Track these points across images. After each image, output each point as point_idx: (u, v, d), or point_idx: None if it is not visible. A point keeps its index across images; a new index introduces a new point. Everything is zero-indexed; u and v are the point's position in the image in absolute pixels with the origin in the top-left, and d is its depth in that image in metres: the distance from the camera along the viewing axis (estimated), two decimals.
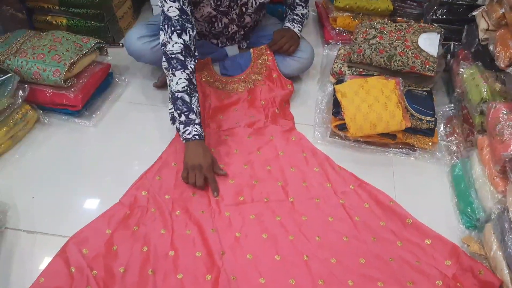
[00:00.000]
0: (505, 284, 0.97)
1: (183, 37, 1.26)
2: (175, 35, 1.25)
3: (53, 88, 1.41)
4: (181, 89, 1.25)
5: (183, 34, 1.26)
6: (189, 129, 1.24)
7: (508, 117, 1.10)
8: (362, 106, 1.31)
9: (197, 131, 1.25)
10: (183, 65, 1.26)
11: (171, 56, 1.26)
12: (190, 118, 1.25)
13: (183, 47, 1.26)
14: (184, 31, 1.26)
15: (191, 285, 1.05)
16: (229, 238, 1.15)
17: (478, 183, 1.17)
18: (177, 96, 1.25)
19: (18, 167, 1.32)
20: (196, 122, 1.25)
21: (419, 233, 1.14)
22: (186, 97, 1.25)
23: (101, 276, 1.06)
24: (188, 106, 1.25)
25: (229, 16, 1.49)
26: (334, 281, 1.06)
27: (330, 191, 1.27)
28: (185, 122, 1.25)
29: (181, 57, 1.26)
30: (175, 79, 1.25)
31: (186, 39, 1.27)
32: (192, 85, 1.27)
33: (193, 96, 1.27)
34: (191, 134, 1.24)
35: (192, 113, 1.25)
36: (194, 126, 1.25)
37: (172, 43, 1.26)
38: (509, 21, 1.18)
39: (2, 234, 1.14)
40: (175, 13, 1.26)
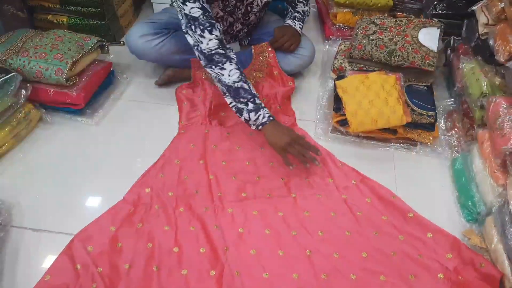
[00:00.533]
0: (506, 276, 0.98)
1: (214, 32, 1.26)
2: (206, 32, 1.25)
3: (55, 87, 1.42)
4: (237, 79, 1.25)
5: (213, 30, 1.26)
6: (261, 113, 1.24)
7: (508, 111, 1.11)
8: (363, 102, 1.32)
9: (268, 113, 1.25)
10: (227, 57, 1.26)
11: (211, 53, 1.26)
12: (257, 103, 1.24)
13: (218, 41, 1.26)
14: (213, 27, 1.26)
15: (195, 280, 1.07)
16: (233, 234, 1.16)
17: (478, 177, 1.18)
18: (236, 86, 1.25)
19: (22, 165, 1.33)
20: (263, 105, 1.25)
21: (421, 227, 1.15)
22: (244, 85, 1.25)
23: (107, 272, 1.07)
24: (251, 93, 1.25)
25: (234, 16, 1.50)
26: (337, 275, 1.07)
27: (332, 186, 1.28)
28: (255, 108, 1.24)
29: (221, 50, 1.26)
30: (226, 72, 1.25)
31: (217, 34, 1.26)
32: (243, 73, 1.28)
33: (249, 83, 1.27)
34: (265, 117, 1.24)
35: (257, 98, 1.25)
36: (263, 109, 1.24)
37: (206, 41, 1.25)
38: (509, 15, 1.19)
39: (8, 233, 1.15)
40: (199, 12, 1.25)
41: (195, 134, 1.43)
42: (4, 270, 1.08)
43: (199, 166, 1.33)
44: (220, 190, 1.27)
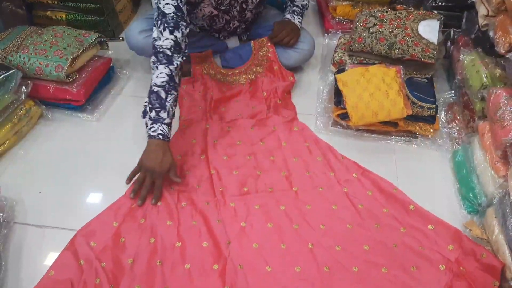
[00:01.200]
0: (507, 266, 0.98)
1: (175, 33, 1.24)
2: (167, 31, 1.24)
3: (55, 83, 1.42)
4: (159, 83, 1.21)
5: (175, 31, 1.24)
6: (155, 127, 1.19)
7: (508, 103, 1.11)
8: (363, 95, 1.32)
9: (163, 131, 1.19)
10: (169, 60, 1.23)
11: (159, 50, 1.23)
12: (160, 116, 1.20)
13: (173, 43, 1.24)
14: (176, 28, 1.25)
15: (198, 274, 1.07)
16: (235, 228, 1.17)
17: (479, 168, 1.18)
18: (153, 89, 1.21)
19: (24, 162, 1.34)
20: (165, 121, 1.20)
21: (422, 219, 1.16)
22: (162, 93, 1.21)
23: (110, 267, 1.08)
24: (162, 103, 1.20)
25: (230, 14, 1.50)
26: (339, 268, 1.08)
27: (333, 180, 1.28)
28: (154, 119, 1.20)
29: (168, 52, 1.23)
30: (156, 72, 1.22)
31: (178, 35, 1.25)
32: (173, 82, 1.23)
33: (170, 94, 1.22)
34: (156, 132, 1.19)
35: (164, 111, 1.20)
36: (162, 125, 1.19)
37: (163, 38, 1.24)
38: (509, 6, 1.19)
39: (11, 229, 1.16)
40: (170, 10, 1.25)
41: (196, 129, 1.43)
42: (8, 266, 1.08)
43: (200, 161, 1.34)
44: (221, 185, 1.27)
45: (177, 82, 1.25)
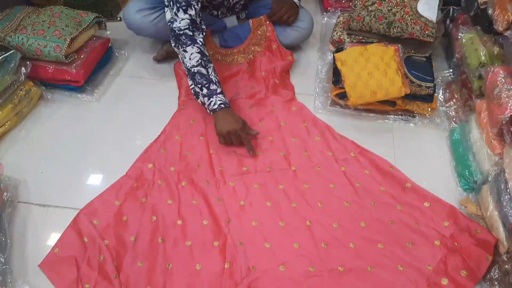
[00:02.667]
0: (501, 241, 1.01)
1: (188, 12, 1.26)
2: (181, 11, 1.26)
3: (54, 64, 1.42)
4: (195, 63, 1.26)
5: (189, 9, 1.26)
6: (213, 100, 1.26)
7: (505, 81, 1.11)
8: (362, 74, 1.32)
9: (221, 100, 1.26)
10: (192, 39, 1.26)
11: (179, 33, 1.26)
12: (211, 89, 1.26)
13: (189, 22, 1.26)
14: (189, 6, 1.26)
15: (199, 251, 1.10)
16: (234, 207, 1.19)
17: (475, 146, 1.20)
18: (194, 71, 1.26)
19: (26, 143, 1.35)
20: (218, 91, 1.27)
21: (418, 197, 1.18)
22: (202, 70, 1.26)
23: (113, 245, 1.10)
24: (207, 78, 1.26)
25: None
26: (337, 244, 1.11)
27: (331, 159, 1.30)
28: (208, 94, 1.26)
29: (189, 32, 1.26)
30: (187, 55, 1.26)
31: (192, 13, 1.27)
32: (205, 56, 1.28)
33: (209, 67, 1.27)
34: (217, 104, 1.26)
35: (212, 83, 1.26)
36: (217, 96, 1.26)
37: (178, 20, 1.26)
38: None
39: (15, 208, 1.18)
40: None
41: (195, 110, 1.44)
42: (14, 244, 1.11)
43: (200, 142, 1.35)
44: (221, 165, 1.29)
45: (207, 55, 1.29)
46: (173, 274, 1.06)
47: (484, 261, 1.02)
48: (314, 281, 1.04)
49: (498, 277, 1.01)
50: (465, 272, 1.03)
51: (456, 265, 1.04)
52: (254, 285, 1.03)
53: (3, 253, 1.06)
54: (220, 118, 1.27)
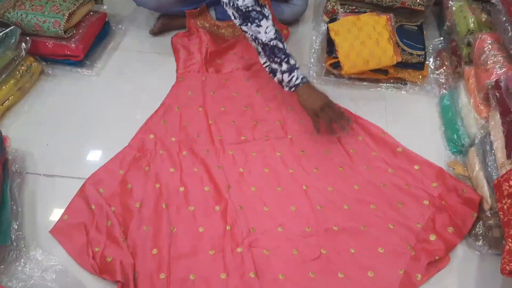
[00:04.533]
0: (485, 199, 1.07)
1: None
2: None
3: (54, 39, 1.44)
4: (273, 36, 1.21)
5: None
6: (295, 75, 1.22)
7: (492, 47, 1.16)
8: (355, 44, 1.36)
9: (302, 74, 1.24)
10: (263, 14, 1.22)
11: (248, 10, 1.21)
12: (291, 64, 1.22)
13: None
14: None
15: (202, 215, 1.16)
16: (234, 174, 1.24)
17: (464, 111, 1.25)
18: (272, 44, 1.21)
19: (29, 117, 1.39)
20: (297, 66, 1.24)
21: (409, 160, 1.24)
22: (279, 44, 1.22)
23: (119, 211, 1.16)
24: (285, 52, 1.22)
25: None
26: (331, 206, 1.17)
27: None
28: (288, 69, 1.22)
29: (257, 8, 1.21)
30: (262, 29, 1.21)
31: None
32: (278, 31, 1.24)
33: (284, 41, 1.24)
34: (299, 79, 1.22)
35: (291, 58, 1.23)
36: (297, 70, 1.23)
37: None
38: None
39: (24, 179, 1.23)
40: None
41: (193, 82, 1.48)
42: (25, 213, 1.16)
43: (199, 113, 1.39)
44: (220, 134, 1.33)
45: (278, 30, 1.25)
46: (178, 237, 1.12)
47: (470, 217, 1.09)
48: (310, 239, 1.11)
49: (482, 232, 1.09)
50: (452, 228, 1.09)
51: (444, 222, 1.11)
52: (254, 244, 1.10)
53: (15, 220, 1.12)
54: (306, 93, 1.23)
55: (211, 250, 1.09)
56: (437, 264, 1.06)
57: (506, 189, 0.94)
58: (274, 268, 1.06)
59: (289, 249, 1.10)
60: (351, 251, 1.09)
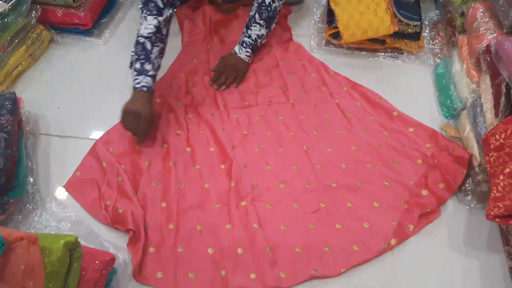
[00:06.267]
0: (474, 156, 1.14)
1: None
2: None
3: (63, 8, 1.49)
4: (146, 34, 1.21)
5: None
6: (139, 79, 1.20)
7: (484, 15, 1.22)
8: (354, 14, 1.42)
9: (147, 83, 1.20)
10: (159, 11, 1.21)
11: (146, 1, 1.21)
12: (144, 68, 1.20)
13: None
14: None
15: (208, 173, 1.23)
16: (238, 135, 1.31)
17: (456, 77, 1.31)
18: (139, 40, 1.21)
19: (41, 82, 1.45)
20: (150, 73, 1.21)
21: (404, 123, 1.30)
22: (147, 44, 1.21)
23: (129, 169, 1.22)
24: (147, 55, 1.21)
25: None
26: (330, 165, 1.24)
27: (326, 93, 1.41)
28: (139, 70, 1.21)
29: (160, 3, 1.21)
30: (145, 23, 1.21)
31: None
32: (160, 34, 1.23)
33: (156, 46, 1.22)
34: (140, 84, 1.20)
35: (149, 63, 1.21)
36: (146, 77, 1.20)
37: None
38: None
39: (37, 139, 1.30)
40: None
41: (198, 51, 1.53)
42: (39, 170, 1.23)
43: (204, 79, 1.45)
44: (224, 99, 1.40)
45: (164, 34, 1.25)
46: (185, 192, 1.19)
47: (460, 174, 1.16)
48: (310, 195, 1.18)
49: (471, 188, 1.16)
50: (443, 184, 1.17)
51: (436, 179, 1.18)
52: (258, 199, 1.17)
53: (31, 175, 1.18)
54: (135, 98, 1.21)
55: (217, 204, 1.16)
56: (429, 216, 1.14)
57: (493, 143, 1.01)
58: (276, 219, 1.13)
59: (290, 203, 1.17)
60: (348, 205, 1.16)
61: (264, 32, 1.41)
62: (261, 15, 1.36)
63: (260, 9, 1.35)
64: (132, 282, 1.05)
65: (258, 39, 1.42)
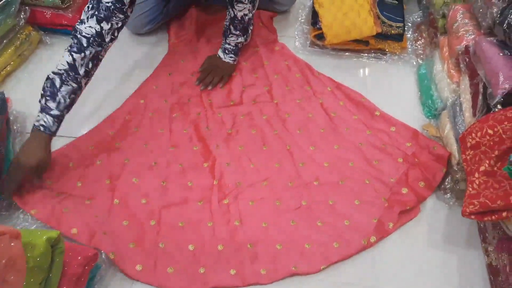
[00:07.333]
0: (453, 155, 1.16)
1: (102, 24, 1.10)
2: (94, 19, 1.10)
3: (52, 9, 1.51)
4: (56, 70, 1.10)
5: (104, 22, 1.10)
6: (39, 116, 1.09)
7: (464, 16, 1.24)
8: (337, 15, 1.44)
9: (46, 122, 1.08)
10: (80, 49, 1.10)
11: (75, 35, 1.11)
12: (47, 106, 1.09)
13: (96, 34, 1.10)
14: (107, 20, 1.10)
15: (191, 170, 1.24)
16: (222, 134, 1.32)
17: (437, 77, 1.33)
18: (49, 76, 1.10)
19: (29, 83, 1.46)
20: (52, 112, 1.08)
21: (386, 123, 1.32)
22: (56, 81, 1.09)
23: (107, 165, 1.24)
24: (53, 92, 1.09)
25: None
26: (312, 163, 1.26)
27: (310, 92, 1.43)
28: (42, 107, 1.09)
29: (84, 41, 1.10)
30: (61, 58, 1.11)
31: (106, 28, 1.11)
32: (74, 72, 1.10)
33: (66, 84, 1.10)
34: (39, 122, 1.08)
35: (53, 101, 1.08)
36: (46, 115, 1.08)
37: (86, 25, 1.10)
38: None
39: (24, 139, 1.26)
40: None
41: (185, 51, 1.55)
42: None
43: (190, 79, 1.47)
44: (209, 98, 1.41)
45: (80, 74, 1.11)
46: (168, 189, 1.20)
47: (440, 172, 1.18)
48: (292, 192, 1.20)
49: (450, 186, 1.18)
50: (423, 183, 1.18)
51: (416, 177, 1.19)
52: (240, 196, 1.19)
53: None
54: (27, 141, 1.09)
55: (200, 201, 1.18)
56: (408, 214, 1.16)
57: (469, 141, 1.03)
58: (257, 216, 1.15)
59: (272, 200, 1.18)
60: (329, 202, 1.17)
61: (242, 40, 1.43)
62: (235, 27, 1.38)
63: (233, 23, 1.37)
64: (115, 278, 1.06)
65: (238, 44, 1.44)
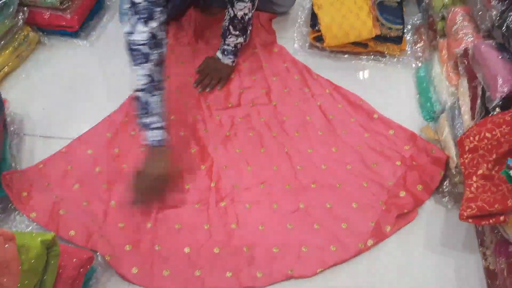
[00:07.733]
0: (451, 158, 1.16)
1: (149, 24, 1.07)
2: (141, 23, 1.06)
3: (50, 10, 1.50)
4: (140, 86, 1.09)
5: (149, 21, 1.07)
6: (149, 134, 1.11)
7: (463, 19, 1.24)
8: (336, 17, 1.43)
9: (155, 136, 1.10)
10: (147, 58, 1.08)
11: (132, 48, 1.08)
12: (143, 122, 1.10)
13: (150, 35, 1.07)
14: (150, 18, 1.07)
15: (188, 173, 1.24)
16: (220, 136, 1.32)
17: (436, 80, 1.33)
18: (136, 95, 1.10)
19: (27, 84, 1.46)
20: (153, 126, 1.10)
21: (384, 125, 1.32)
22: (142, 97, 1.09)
23: (106, 171, 1.23)
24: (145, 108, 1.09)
25: None
26: (311, 166, 1.25)
27: (309, 95, 1.42)
28: (143, 125, 1.11)
29: (144, 48, 1.07)
30: (134, 75, 1.10)
31: (154, 25, 1.08)
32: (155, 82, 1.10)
33: (155, 95, 1.10)
34: (147, 140, 1.11)
35: (151, 116, 1.09)
36: (154, 130, 1.10)
37: (136, 33, 1.07)
38: None
39: (22, 140, 1.31)
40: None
41: (183, 53, 1.55)
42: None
43: (189, 82, 1.47)
44: (207, 101, 1.41)
45: (160, 79, 1.12)
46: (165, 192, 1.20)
47: (438, 175, 1.18)
48: (290, 195, 1.19)
49: (448, 190, 1.17)
50: (421, 186, 1.18)
51: (414, 180, 1.19)
52: (237, 199, 1.18)
53: None
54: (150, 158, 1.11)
55: (197, 204, 1.18)
56: (406, 217, 1.15)
57: (467, 145, 1.02)
58: (254, 219, 1.15)
59: (269, 203, 1.18)
60: (327, 205, 1.17)
61: (241, 40, 1.42)
62: (235, 27, 1.37)
63: (233, 22, 1.37)
64: (111, 281, 1.06)
65: (238, 45, 1.43)
